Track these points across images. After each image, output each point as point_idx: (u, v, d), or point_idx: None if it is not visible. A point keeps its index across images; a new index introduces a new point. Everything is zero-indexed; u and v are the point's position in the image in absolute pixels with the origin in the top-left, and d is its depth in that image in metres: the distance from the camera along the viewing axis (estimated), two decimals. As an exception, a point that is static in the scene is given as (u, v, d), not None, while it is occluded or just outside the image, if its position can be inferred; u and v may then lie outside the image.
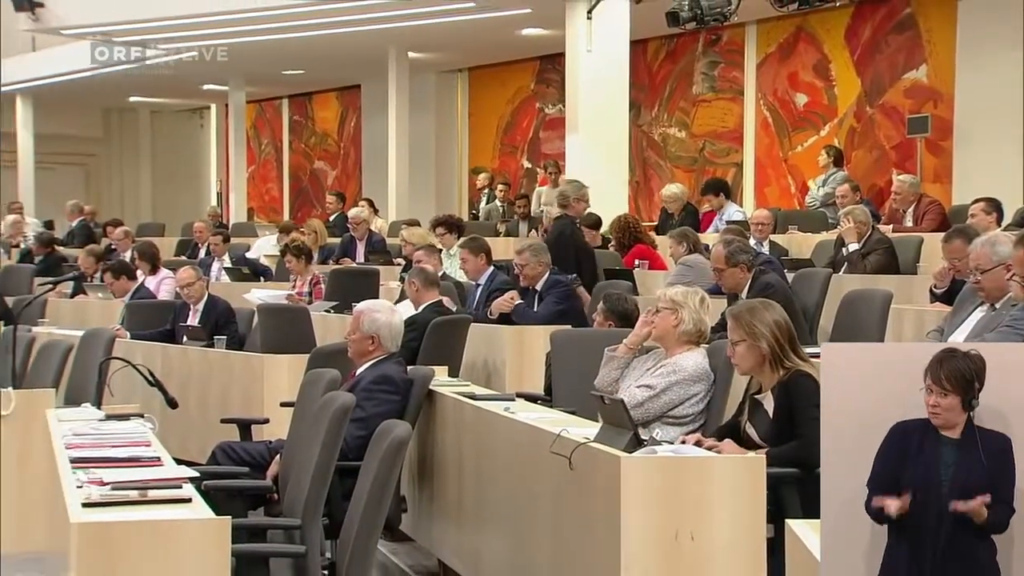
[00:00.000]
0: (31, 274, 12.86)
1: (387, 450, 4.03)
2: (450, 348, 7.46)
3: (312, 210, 20.03)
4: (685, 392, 5.18)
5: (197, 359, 8.57)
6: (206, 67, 18.11)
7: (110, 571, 3.53)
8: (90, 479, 4.10)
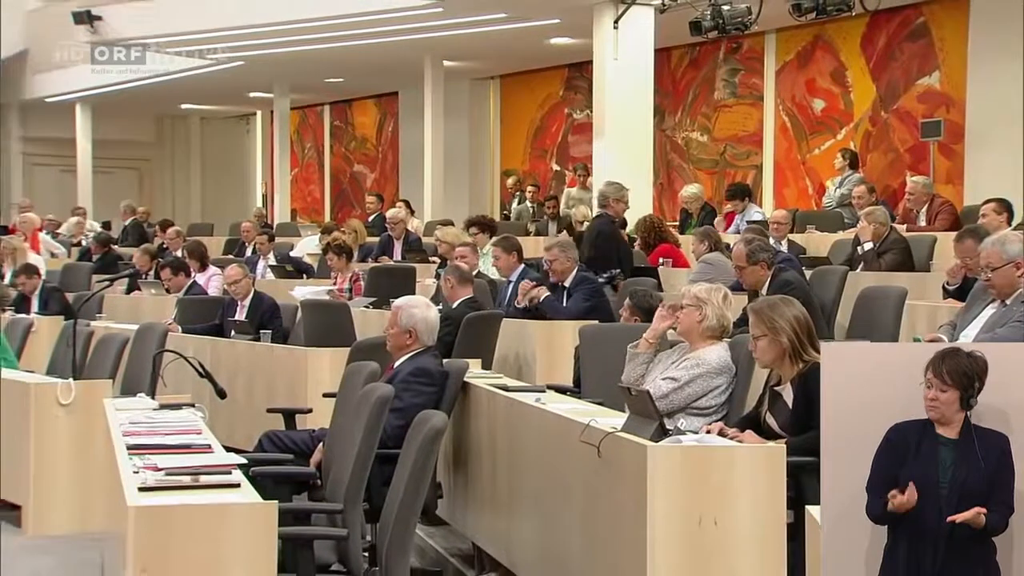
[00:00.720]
0: (89, 272, 12.96)
1: (424, 439, 4.03)
2: (483, 342, 7.46)
3: (352, 211, 20.08)
4: (708, 384, 5.17)
5: (244, 352, 8.61)
6: (252, 76, 18.20)
7: (164, 551, 3.55)
8: (145, 465, 4.13)
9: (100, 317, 10.42)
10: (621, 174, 12.93)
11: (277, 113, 20.03)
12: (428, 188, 16.31)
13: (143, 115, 23.32)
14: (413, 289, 9.46)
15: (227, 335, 8.98)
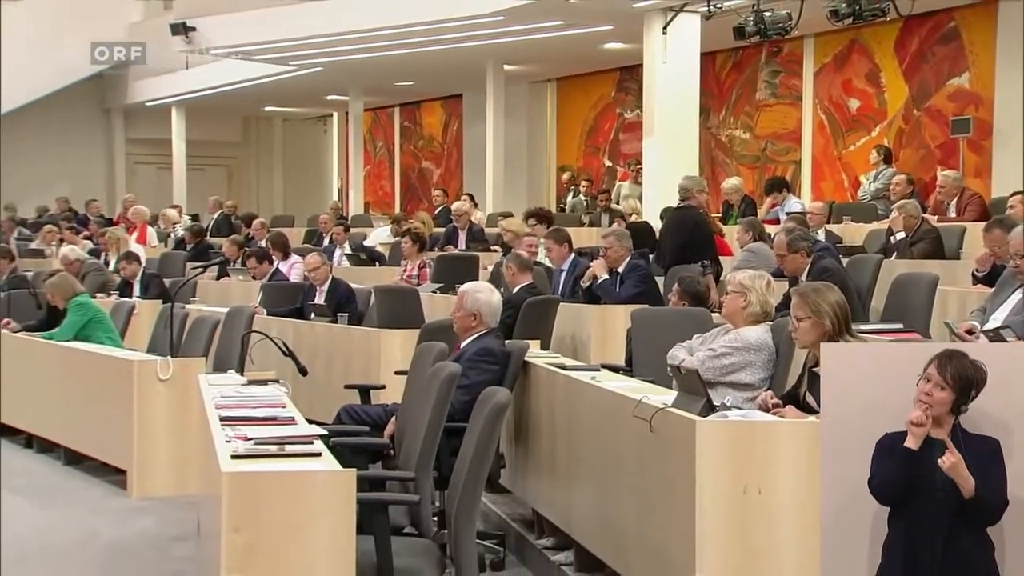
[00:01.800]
0: (184, 260, 13.10)
1: (489, 413, 4.04)
2: (541, 325, 7.46)
3: (419, 204, 20.13)
4: (745, 358, 5.10)
5: (323, 333, 8.67)
6: (330, 80, 18.30)
7: (255, 513, 3.59)
8: (236, 435, 4.16)
9: (194, 301, 10.53)
10: (668, 169, 12.90)
11: (352, 114, 20.11)
12: (490, 183, 16.31)
13: (231, 117, 23.50)
14: (476, 276, 9.47)
15: (307, 318, 9.05)
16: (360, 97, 19.56)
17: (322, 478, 3.69)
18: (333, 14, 14.88)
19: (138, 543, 6.19)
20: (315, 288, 9.35)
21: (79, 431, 7.92)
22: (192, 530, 6.27)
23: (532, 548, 5.66)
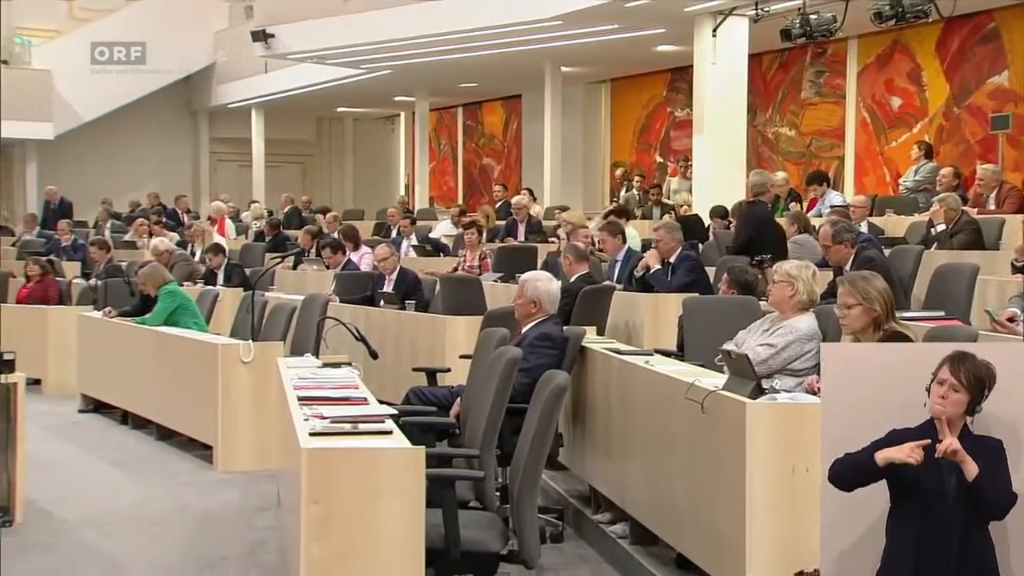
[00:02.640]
0: (263, 250, 13.23)
1: (550, 395, 4.03)
2: (597, 312, 7.43)
3: (481, 198, 20.14)
4: (800, 349, 5.06)
5: (392, 319, 8.70)
6: (397, 82, 18.35)
7: (331, 487, 3.62)
8: (313, 414, 4.21)
9: (272, 289, 10.63)
10: (717, 165, 12.82)
11: (418, 114, 20.16)
12: (547, 178, 16.28)
13: (306, 117, 23.66)
14: (535, 265, 9.48)
15: (377, 305, 9.10)
16: (426, 98, 19.60)
17: (393, 455, 3.72)
18: (402, 20, 14.91)
19: (224, 513, 6.26)
20: (384, 277, 9.39)
21: (170, 409, 8.03)
22: (272, 502, 6.34)
23: (589, 522, 5.66)
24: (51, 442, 8.04)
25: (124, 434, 8.53)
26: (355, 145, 25.24)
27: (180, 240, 14.07)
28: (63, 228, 15.43)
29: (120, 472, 7.35)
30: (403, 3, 14.79)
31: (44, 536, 5.80)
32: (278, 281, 11.28)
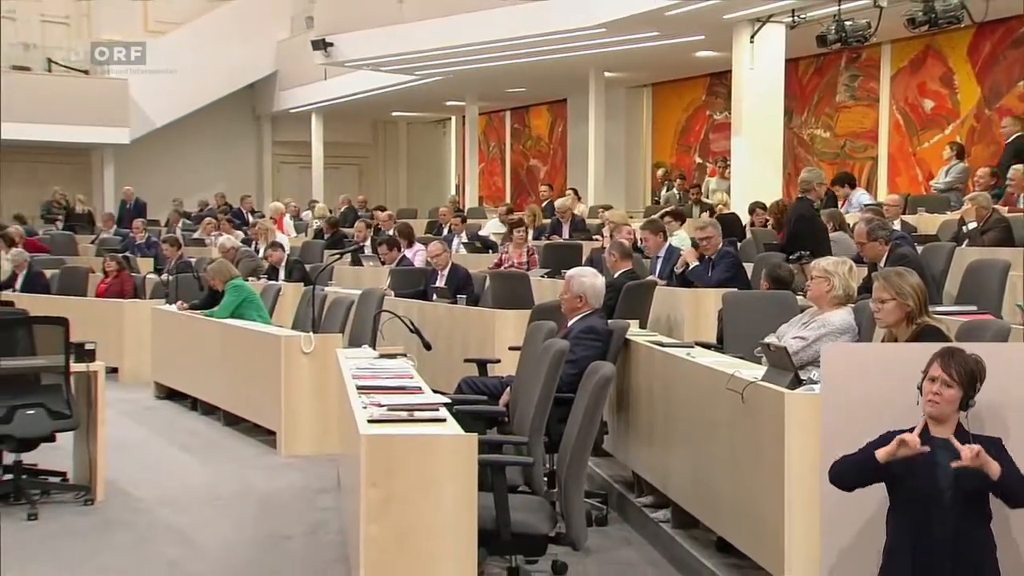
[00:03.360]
0: (322, 248, 13.29)
1: (595, 385, 4.01)
2: (640, 306, 7.39)
3: (528, 197, 20.10)
4: (832, 342, 5.00)
5: (444, 312, 8.71)
6: (449, 87, 18.38)
7: (389, 471, 3.63)
8: (371, 402, 4.22)
9: (331, 284, 10.67)
10: (754, 165, 12.71)
11: (468, 118, 20.19)
12: (591, 178, 16.24)
13: (362, 121, 23.77)
14: (580, 262, 9.43)
15: (430, 299, 9.10)
16: (476, 102, 19.62)
17: (448, 441, 3.72)
18: (453, 29, 14.93)
19: (287, 495, 6.30)
20: (437, 272, 9.40)
21: (236, 397, 8.10)
22: (332, 484, 6.38)
23: (632, 506, 5.63)
24: (127, 427, 8.14)
25: (194, 420, 8.62)
26: (409, 147, 25.32)
27: (245, 238, 14.18)
28: (138, 227, 15.62)
29: (190, 455, 7.43)
30: (455, 13, 14.80)
31: (123, 514, 5.88)
32: (336, 276, 11.33)
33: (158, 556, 5.16)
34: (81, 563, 5.05)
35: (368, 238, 12.15)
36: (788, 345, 4.95)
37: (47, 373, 5.94)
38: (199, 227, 16.15)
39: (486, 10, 14.41)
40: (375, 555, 3.60)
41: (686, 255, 7.92)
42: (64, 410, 5.93)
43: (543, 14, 13.73)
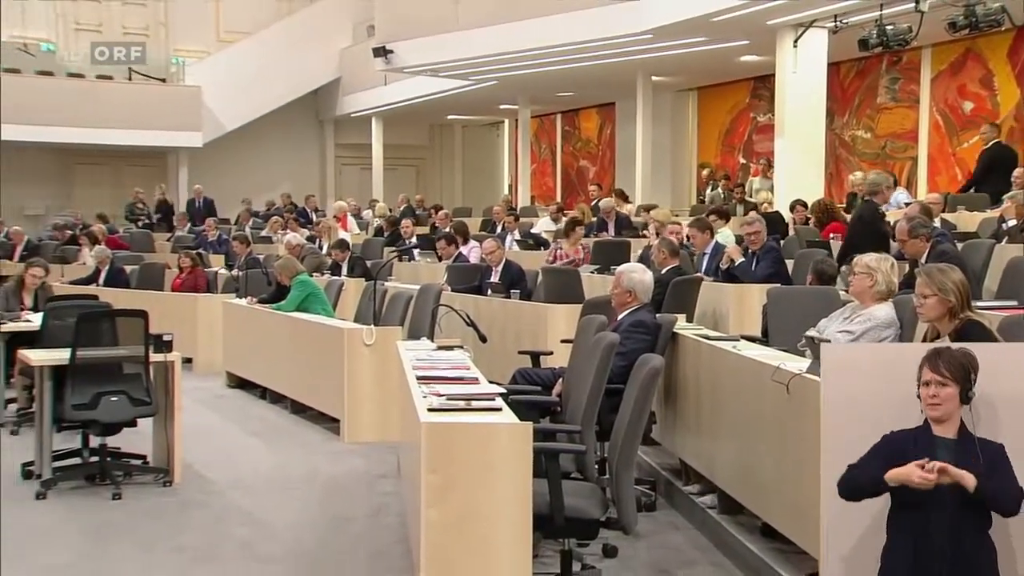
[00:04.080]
0: (382, 245, 13.36)
1: (645, 376, 3.99)
2: (687, 301, 7.34)
3: (578, 197, 20.06)
4: (877, 335, 4.92)
5: (499, 307, 8.70)
6: (502, 92, 18.38)
7: (448, 458, 3.64)
8: (431, 391, 4.23)
9: (391, 279, 10.70)
10: (797, 166, 12.56)
11: (520, 121, 20.17)
12: (638, 178, 16.15)
13: (419, 124, 23.84)
14: (628, 258, 9.38)
15: (485, 293, 9.10)
16: (528, 106, 19.60)
17: (504, 429, 3.72)
18: (507, 36, 14.92)
19: (350, 479, 6.35)
20: (491, 268, 9.40)
21: (302, 386, 8.17)
22: (393, 470, 6.42)
23: (680, 493, 5.60)
24: (201, 414, 8.25)
25: (263, 408, 8.71)
26: (464, 149, 25.37)
27: (310, 235, 14.30)
28: (210, 225, 15.82)
29: (260, 441, 7.51)
30: (509, 20, 14.79)
31: (198, 495, 5.97)
32: (396, 272, 11.36)
33: (231, 536, 5.22)
34: (161, 541, 5.13)
35: (414, 235, 12.17)
36: (835, 339, 4.90)
37: (129, 362, 6.05)
38: (267, 225, 16.31)
39: (539, 17, 14.38)
40: (435, 538, 3.62)
41: (731, 251, 7.86)
42: (144, 397, 6.03)
43: (593, 21, 13.67)
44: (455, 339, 6.37)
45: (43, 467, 6.04)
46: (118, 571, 4.70)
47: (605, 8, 13.43)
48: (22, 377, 7.71)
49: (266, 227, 16.18)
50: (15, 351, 7.22)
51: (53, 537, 5.22)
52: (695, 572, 4.69)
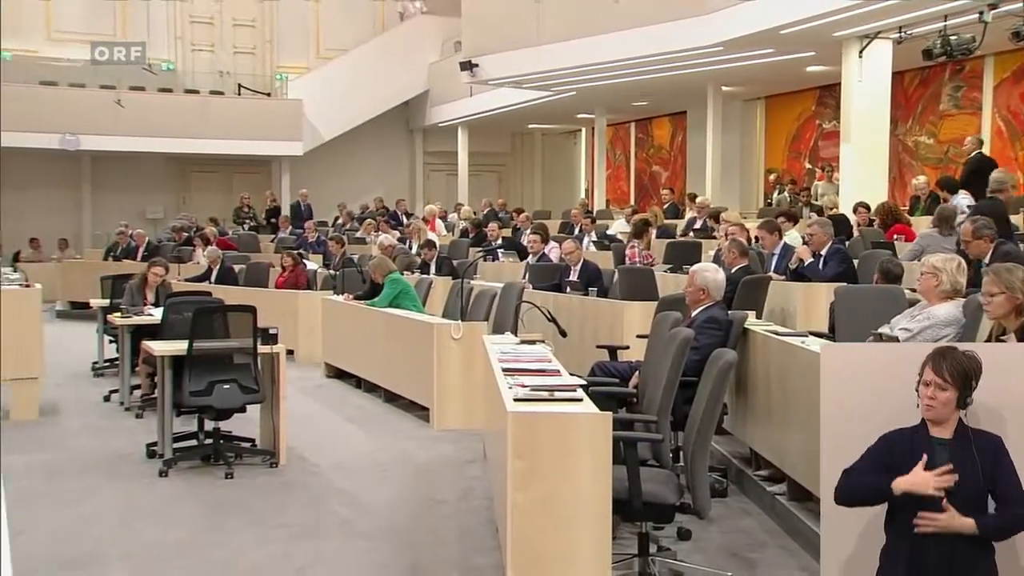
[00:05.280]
0: (467, 245, 13.42)
1: (720, 370, 3.96)
2: (756, 298, 7.24)
3: (650, 200, 19.90)
4: (937, 333, 4.80)
5: (577, 304, 8.66)
6: (579, 102, 18.32)
7: (533, 445, 3.64)
8: (516, 383, 4.24)
9: (476, 277, 10.75)
10: (862, 170, 12.28)
11: (596, 129, 20.09)
12: (709, 183, 15.95)
13: (502, 133, 23.89)
14: (700, 258, 9.29)
15: (564, 291, 9.09)
16: (604, 115, 19.51)
17: (585, 419, 3.71)
18: (585, 50, 14.87)
19: (439, 463, 6.39)
20: (570, 268, 9.38)
21: (394, 376, 8.25)
22: (478, 455, 6.44)
23: (750, 480, 5.53)
24: (303, 401, 8.38)
25: (358, 396, 8.81)
26: (543, 156, 25.34)
27: (401, 236, 14.44)
28: (310, 227, 16.08)
29: (356, 427, 7.60)
30: (587, 35, 14.74)
31: (302, 476, 6.07)
32: (481, 271, 11.41)
33: (332, 514, 5.30)
34: (269, 517, 5.24)
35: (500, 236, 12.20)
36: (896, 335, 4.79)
37: (239, 354, 6.18)
38: (361, 227, 16.51)
39: (615, 32, 14.30)
40: (521, 519, 3.62)
41: (801, 252, 7.73)
42: (253, 385, 6.16)
43: (666, 34, 13.55)
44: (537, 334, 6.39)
45: (165, 448, 6.21)
46: (232, 543, 4.81)
47: (677, 22, 13.30)
48: (145, 366, 7.95)
49: (360, 229, 16.38)
50: (140, 342, 7.43)
51: (175, 510, 5.37)
52: (765, 555, 4.62)
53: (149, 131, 19.09)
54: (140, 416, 7.81)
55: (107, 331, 9.83)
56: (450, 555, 4.61)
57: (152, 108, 19.37)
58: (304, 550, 4.69)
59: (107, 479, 5.95)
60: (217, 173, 21.74)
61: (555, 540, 3.61)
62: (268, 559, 4.58)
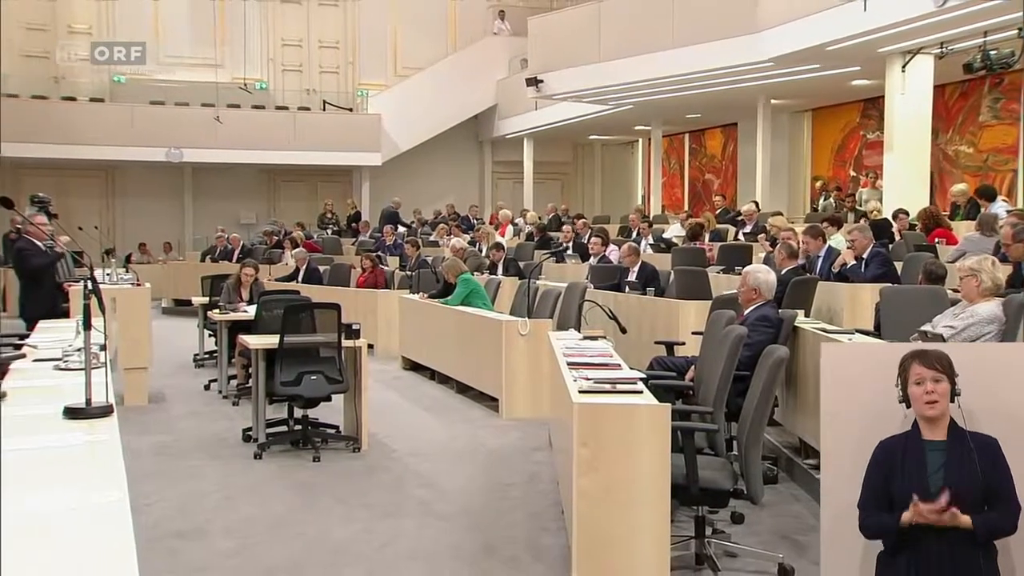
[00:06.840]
0: (533, 248, 13.41)
1: (772, 364, 3.91)
2: (804, 298, 7.12)
3: (703, 206, 19.67)
4: (979, 331, 4.68)
5: (636, 302, 8.61)
6: (637, 115, 18.20)
7: (597, 434, 3.64)
8: (580, 376, 4.24)
9: (541, 278, 10.73)
10: (904, 178, 11.99)
11: (653, 140, 19.92)
12: (759, 190, 15.71)
13: (564, 144, 23.85)
14: (750, 260, 9.17)
15: (623, 291, 9.04)
16: (659, 126, 19.35)
17: (646, 410, 3.70)
18: (642, 66, 14.78)
19: (508, 450, 6.40)
20: (629, 269, 9.33)
21: (466, 369, 8.29)
22: (544, 443, 6.44)
23: (799, 468, 5.45)
24: (382, 391, 8.45)
25: (433, 388, 8.86)
26: (602, 165, 25.23)
27: (471, 240, 14.50)
28: (388, 231, 16.22)
29: (431, 416, 7.64)
30: (644, 52, 14.64)
31: (382, 461, 6.13)
32: (546, 271, 11.39)
33: (411, 496, 5.34)
34: (353, 497, 5.30)
35: (572, 240, 12.18)
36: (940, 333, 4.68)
37: (325, 347, 6.26)
38: (434, 231, 16.62)
39: (670, 49, 14.19)
40: (585, 503, 3.62)
41: (844, 255, 7.59)
42: (337, 376, 6.24)
43: (719, 52, 13.40)
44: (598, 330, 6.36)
45: (259, 433, 6.33)
46: (321, 521, 4.89)
47: (729, 40, 13.14)
48: (241, 358, 8.12)
49: (433, 232, 16.48)
50: (236, 337, 7.59)
51: (268, 489, 5.47)
52: (813, 538, 4.54)
53: (244, 144, 19.56)
54: (236, 404, 7.96)
55: (207, 326, 10.05)
56: (519, 535, 4.62)
57: (246, 124, 19.81)
58: (385, 528, 4.74)
59: (209, 459, 6.10)
60: (303, 182, 22.12)
61: (617, 522, 3.60)
62: (353, 536, 4.64)
